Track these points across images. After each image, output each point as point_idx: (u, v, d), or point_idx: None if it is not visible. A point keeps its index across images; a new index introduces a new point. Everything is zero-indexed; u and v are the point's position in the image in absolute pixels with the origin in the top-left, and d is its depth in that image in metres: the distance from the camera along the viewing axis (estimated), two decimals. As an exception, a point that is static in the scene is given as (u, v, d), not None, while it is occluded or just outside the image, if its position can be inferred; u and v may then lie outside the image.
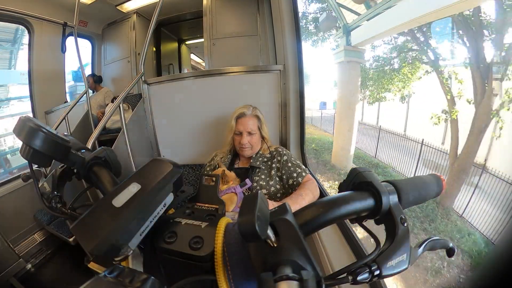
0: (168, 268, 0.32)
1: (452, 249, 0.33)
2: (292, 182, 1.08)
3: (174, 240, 0.31)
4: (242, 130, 1.19)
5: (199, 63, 6.78)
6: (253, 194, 0.25)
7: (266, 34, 2.53)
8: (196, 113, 1.66)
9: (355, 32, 6.06)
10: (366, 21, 5.72)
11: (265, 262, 0.25)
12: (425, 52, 5.55)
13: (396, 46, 6.42)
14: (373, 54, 6.85)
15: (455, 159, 4.54)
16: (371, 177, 0.30)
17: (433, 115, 5.27)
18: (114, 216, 0.26)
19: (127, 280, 0.22)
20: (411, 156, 5.94)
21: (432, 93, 5.82)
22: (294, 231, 0.25)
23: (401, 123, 7.98)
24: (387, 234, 0.29)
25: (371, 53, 6.88)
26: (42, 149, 0.36)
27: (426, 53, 5.53)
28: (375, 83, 6.80)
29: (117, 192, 0.29)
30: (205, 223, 0.33)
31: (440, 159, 5.28)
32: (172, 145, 1.76)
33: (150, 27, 1.61)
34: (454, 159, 4.59)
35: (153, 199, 0.30)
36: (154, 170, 0.33)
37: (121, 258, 0.27)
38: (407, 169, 6.02)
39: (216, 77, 1.61)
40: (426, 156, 5.63)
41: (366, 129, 8.23)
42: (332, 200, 0.29)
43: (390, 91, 6.56)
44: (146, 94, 1.69)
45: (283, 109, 1.57)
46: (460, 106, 4.76)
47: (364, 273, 0.26)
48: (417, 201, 0.33)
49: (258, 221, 0.21)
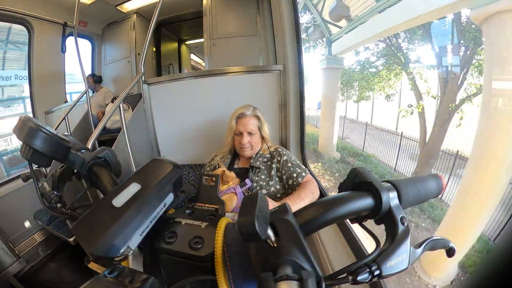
0: (168, 268, 0.32)
1: (452, 249, 0.33)
2: (292, 182, 1.08)
3: (174, 240, 0.31)
4: (242, 130, 1.19)
5: (199, 63, 6.78)
6: (253, 194, 0.25)
7: (266, 34, 2.53)
8: (196, 113, 1.66)
9: (335, 43, 7.48)
10: (344, 34, 6.95)
11: (265, 262, 0.25)
12: (398, 57, 6.56)
13: (374, 53, 7.56)
14: (357, 59, 8.13)
15: (424, 146, 5.31)
16: (371, 177, 0.30)
17: (401, 109, 6.21)
18: (114, 216, 0.26)
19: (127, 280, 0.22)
20: (393, 147, 6.87)
21: (407, 91, 6.81)
22: (294, 231, 0.25)
23: (389, 119, 8.74)
24: (387, 234, 0.29)
25: (356, 57, 8.14)
26: (42, 149, 0.36)
27: (399, 57, 6.54)
28: (359, 83, 7.99)
29: (117, 192, 0.29)
30: (205, 223, 0.33)
31: (416, 148, 6.08)
32: (172, 145, 1.76)
33: (150, 27, 1.61)
34: (423, 146, 5.37)
35: (153, 199, 0.30)
36: (154, 170, 0.33)
37: (121, 258, 0.27)
38: (389, 158, 6.83)
39: (216, 77, 1.61)
40: (406, 146, 6.48)
41: (355, 125, 9.41)
42: (332, 200, 0.29)
43: (373, 91, 7.64)
44: (146, 94, 1.69)
45: (283, 109, 1.57)
46: (428, 101, 5.56)
47: (364, 273, 0.26)
48: (417, 201, 0.33)
49: (258, 221, 0.21)
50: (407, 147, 6.30)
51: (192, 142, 1.70)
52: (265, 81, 1.56)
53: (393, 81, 7.13)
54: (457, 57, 4.57)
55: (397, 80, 7.05)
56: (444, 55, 4.87)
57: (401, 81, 7.09)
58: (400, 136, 6.51)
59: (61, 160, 0.40)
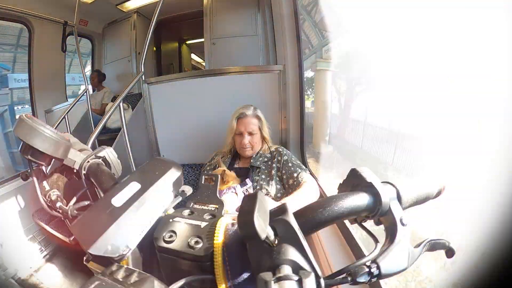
0: (167, 267, 0.32)
1: (452, 250, 0.33)
2: (292, 182, 1.08)
3: (173, 239, 0.31)
4: (243, 131, 1.19)
5: (200, 62, 6.78)
6: (253, 194, 0.25)
7: (266, 34, 2.53)
8: (196, 113, 1.66)
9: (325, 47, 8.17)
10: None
11: (265, 262, 0.25)
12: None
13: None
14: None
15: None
16: (371, 178, 0.30)
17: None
18: (113, 215, 0.26)
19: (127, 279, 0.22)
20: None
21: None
22: (293, 231, 0.25)
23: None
24: (387, 235, 0.29)
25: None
26: (42, 148, 0.36)
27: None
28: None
29: (116, 191, 0.29)
30: (204, 223, 0.33)
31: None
32: (172, 145, 1.76)
33: (151, 27, 1.62)
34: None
35: (152, 199, 0.30)
36: (154, 170, 0.33)
37: (120, 257, 0.27)
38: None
39: (216, 77, 1.61)
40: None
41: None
42: (332, 200, 0.29)
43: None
44: (146, 94, 1.69)
45: (283, 109, 1.57)
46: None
47: (363, 273, 0.26)
48: (416, 202, 0.33)
49: (257, 221, 0.21)
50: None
51: (192, 142, 1.70)
52: (265, 81, 1.56)
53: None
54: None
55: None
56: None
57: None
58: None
59: (61, 159, 0.40)
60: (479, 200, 1.38)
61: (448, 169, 2.09)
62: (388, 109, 5.73)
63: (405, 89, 5.07)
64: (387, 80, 5.90)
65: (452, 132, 2.58)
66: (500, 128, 1.37)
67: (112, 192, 0.29)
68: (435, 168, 2.67)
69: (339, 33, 6.16)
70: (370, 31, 5.81)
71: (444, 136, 2.80)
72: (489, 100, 1.78)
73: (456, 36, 2.26)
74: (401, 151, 4.91)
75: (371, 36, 5.63)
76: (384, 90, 6.16)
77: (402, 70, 5.27)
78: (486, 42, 1.72)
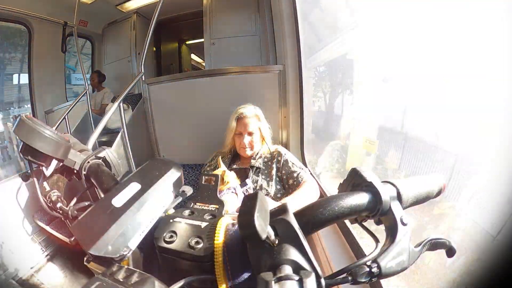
0: (168, 268, 0.32)
1: (453, 249, 0.33)
2: (292, 182, 1.08)
3: (174, 240, 0.31)
4: (243, 131, 1.19)
5: (200, 63, 6.78)
6: (253, 194, 0.25)
7: (266, 34, 2.53)
8: (196, 113, 1.65)
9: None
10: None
11: (265, 262, 0.25)
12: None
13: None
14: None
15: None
16: (371, 177, 0.30)
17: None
18: (113, 216, 0.26)
19: (127, 280, 0.22)
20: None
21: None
22: (294, 231, 0.25)
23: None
24: (387, 234, 0.29)
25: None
26: (42, 149, 0.36)
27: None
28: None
29: (117, 192, 0.29)
30: (205, 223, 0.33)
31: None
32: (172, 145, 1.76)
33: (151, 27, 1.62)
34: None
35: (152, 199, 0.30)
36: (154, 170, 0.33)
37: (120, 258, 0.27)
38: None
39: (216, 77, 1.61)
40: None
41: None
42: (332, 200, 0.29)
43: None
44: (146, 94, 1.69)
45: (283, 109, 1.57)
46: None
47: (364, 273, 0.26)
48: (417, 201, 0.33)
49: (258, 221, 0.21)
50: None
51: (192, 142, 1.70)
52: (265, 81, 1.56)
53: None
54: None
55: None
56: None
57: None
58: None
59: (61, 159, 0.40)
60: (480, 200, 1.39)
61: (448, 169, 2.09)
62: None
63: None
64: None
65: (450, 131, 2.56)
66: (500, 128, 1.37)
67: (113, 192, 0.29)
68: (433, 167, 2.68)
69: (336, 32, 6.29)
70: (365, 31, 5.80)
71: (440, 135, 2.80)
72: (488, 100, 1.78)
73: (454, 36, 2.26)
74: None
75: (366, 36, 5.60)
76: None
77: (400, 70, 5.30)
78: (485, 42, 1.73)
